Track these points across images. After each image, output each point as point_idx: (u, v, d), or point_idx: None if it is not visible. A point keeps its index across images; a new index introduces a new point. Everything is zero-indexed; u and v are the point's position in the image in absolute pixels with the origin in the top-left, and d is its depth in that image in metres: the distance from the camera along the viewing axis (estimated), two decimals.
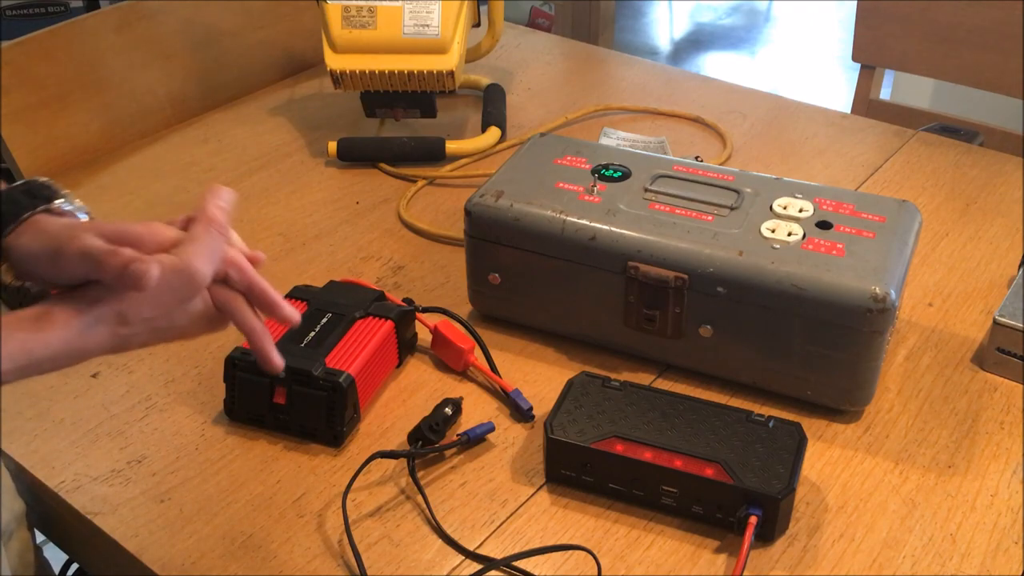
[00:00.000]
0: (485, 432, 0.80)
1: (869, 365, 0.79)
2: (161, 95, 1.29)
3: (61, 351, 0.57)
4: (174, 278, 0.58)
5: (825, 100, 1.42)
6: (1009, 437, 0.80)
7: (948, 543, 0.72)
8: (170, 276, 0.58)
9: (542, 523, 0.74)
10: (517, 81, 1.38)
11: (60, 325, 0.57)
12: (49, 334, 0.56)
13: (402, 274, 1.00)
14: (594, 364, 0.88)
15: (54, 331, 0.56)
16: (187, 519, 0.74)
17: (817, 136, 1.23)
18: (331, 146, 1.18)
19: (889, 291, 0.76)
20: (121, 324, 0.58)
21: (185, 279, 0.59)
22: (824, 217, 0.83)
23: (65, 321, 0.57)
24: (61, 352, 0.57)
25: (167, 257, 0.58)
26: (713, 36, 3.88)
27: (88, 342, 0.58)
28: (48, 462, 0.79)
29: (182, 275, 0.58)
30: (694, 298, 0.81)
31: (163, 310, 0.60)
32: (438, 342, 0.88)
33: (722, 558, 0.71)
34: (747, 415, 0.75)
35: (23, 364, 0.55)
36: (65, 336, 0.57)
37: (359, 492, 0.76)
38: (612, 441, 0.74)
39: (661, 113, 1.29)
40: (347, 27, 1.14)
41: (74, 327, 0.57)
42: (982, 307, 0.94)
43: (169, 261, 0.58)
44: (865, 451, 0.79)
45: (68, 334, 0.57)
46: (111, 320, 0.58)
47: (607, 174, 0.90)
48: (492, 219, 0.87)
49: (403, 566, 0.71)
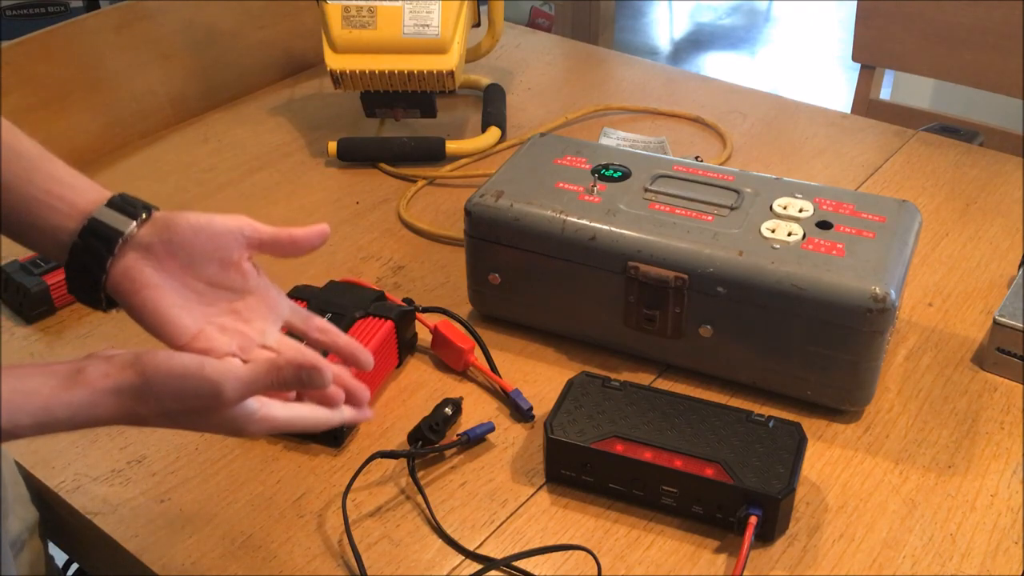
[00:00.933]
0: (485, 432, 0.80)
1: (869, 365, 0.79)
2: (161, 95, 1.29)
3: (79, 413, 0.55)
4: (199, 384, 0.56)
5: (825, 100, 1.41)
6: (1009, 437, 0.80)
7: (948, 543, 0.72)
8: (195, 382, 0.56)
9: (542, 523, 0.74)
10: (517, 81, 1.38)
11: (89, 387, 0.55)
12: (76, 394, 0.55)
13: (402, 274, 1.00)
14: (594, 364, 0.88)
15: (82, 392, 0.55)
16: (187, 519, 0.74)
17: (817, 136, 1.23)
18: (331, 146, 1.18)
19: (889, 291, 0.76)
20: (141, 403, 0.56)
21: (211, 392, 0.56)
22: (824, 217, 0.83)
23: (94, 384, 0.55)
24: (79, 414, 0.55)
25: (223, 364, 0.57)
26: (713, 36, 3.88)
27: (107, 410, 0.56)
28: (48, 462, 0.79)
29: (208, 387, 0.56)
30: (694, 298, 0.81)
31: (182, 407, 0.57)
32: (438, 342, 0.88)
33: (722, 558, 0.71)
34: (747, 415, 0.75)
35: (42, 421, 0.54)
36: (90, 398, 0.55)
37: (359, 492, 0.76)
38: (612, 441, 0.74)
39: (661, 113, 1.29)
40: (347, 27, 1.14)
41: (99, 391, 0.55)
42: (982, 307, 0.94)
43: (205, 368, 0.56)
44: (865, 451, 0.79)
45: (93, 397, 0.55)
46: (134, 395, 0.56)
47: (607, 174, 0.90)
48: (492, 219, 0.87)
49: (403, 566, 0.71)
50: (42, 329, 0.94)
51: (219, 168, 1.20)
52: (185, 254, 0.62)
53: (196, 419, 0.58)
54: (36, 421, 0.54)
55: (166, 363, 0.56)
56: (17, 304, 0.95)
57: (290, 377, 0.57)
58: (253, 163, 1.21)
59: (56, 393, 0.55)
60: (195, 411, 0.57)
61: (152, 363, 0.56)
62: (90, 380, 0.55)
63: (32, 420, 0.54)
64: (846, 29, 3.78)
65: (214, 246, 0.62)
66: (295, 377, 0.57)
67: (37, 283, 0.93)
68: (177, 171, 1.20)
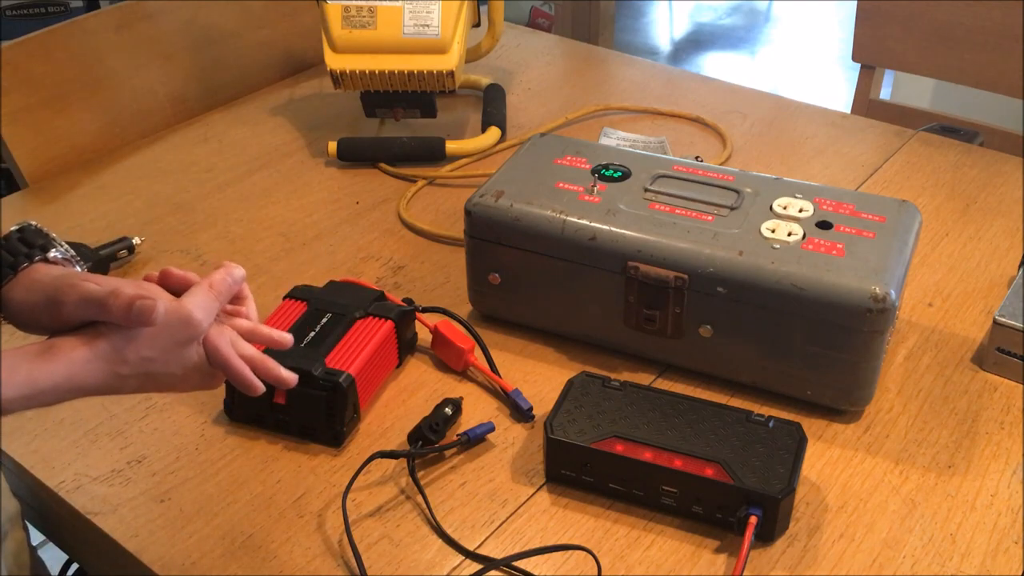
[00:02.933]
0: (485, 432, 0.80)
1: (869, 365, 0.79)
2: (161, 95, 1.29)
3: (63, 383, 0.59)
4: (173, 318, 0.62)
5: (825, 100, 1.42)
6: (1009, 437, 0.80)
7: (948, 543, 0.72)
8: (170, 317, 0.61)
9: (542, 523, 0.74)
10: (517, 81, 1.38)
11: (64, 357, 0.59)
12: (53, 365, 0.58)
13: (402, 274, 1.00)
14: (594, 364, 0.88)
15: (59, 363, 0.59)
16: (187, 519, 0.74)
17: (817, 136, 1.23)
18: (331, 146, 1.18)
19: (889, 291, 0.76)
20: (120, 362, 0.61)
21: (183, 321, 0.62)
22: (824, 217, 0.83)
23: (69, 353, 0.59)
24: (63, 383, 0.59)
25: (169, 298, 0.62)
26: (713, 36, 3.88)
27: (88, 376, 0.60)
28: (48, 462, 0.79)
29: (180, 316, 0.62)
30: (694, 298, 0.81)
31: (160, 352, 0.62)
32: (438, 342, 0.88)
33: (722, 558, 0.71)
34: (747, 415, 0.75)
35: (27, 394, 0.57)
36: (68, 368, 0.59)
37: (359, 492, 0.76)
38: (612, 441, 0.74)
39: (661, 113, 1.29)
40: (347, 27, 1.14)
41: (77, 360, 0.59)
42: (982, 307, 0.94)
43: (171, 302, 0.62)
44: (865, 451, 0.79)
45: (71, 367, 0.59)
46: (111, 357, 0.60)
47: (607, 174, 0.90)
48: (492, 219, 0.87)
49: (403, 566, 0.71)
50: None
51: (219, 168, 1.20)
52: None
53: (173, 362, 0.62)
54: (22, 394, 0.57)
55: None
56: None
57: (224, 282, 0.65)
58: (253, 163, 1.21)
59: (36, 364, 0.58)
60: (172, 351, 0.62)
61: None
62: (63, 350, 0.59)
63: (18, 392, 0.57)
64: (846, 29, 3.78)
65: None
66: (228, 277, 0.66)
67: None
68: (177, 171, 1.20)
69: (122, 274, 1.01)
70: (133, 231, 1.05)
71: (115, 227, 1.08)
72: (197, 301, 0.63)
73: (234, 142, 1.26)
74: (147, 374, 0.62)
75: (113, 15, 1.24)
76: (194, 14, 1.31)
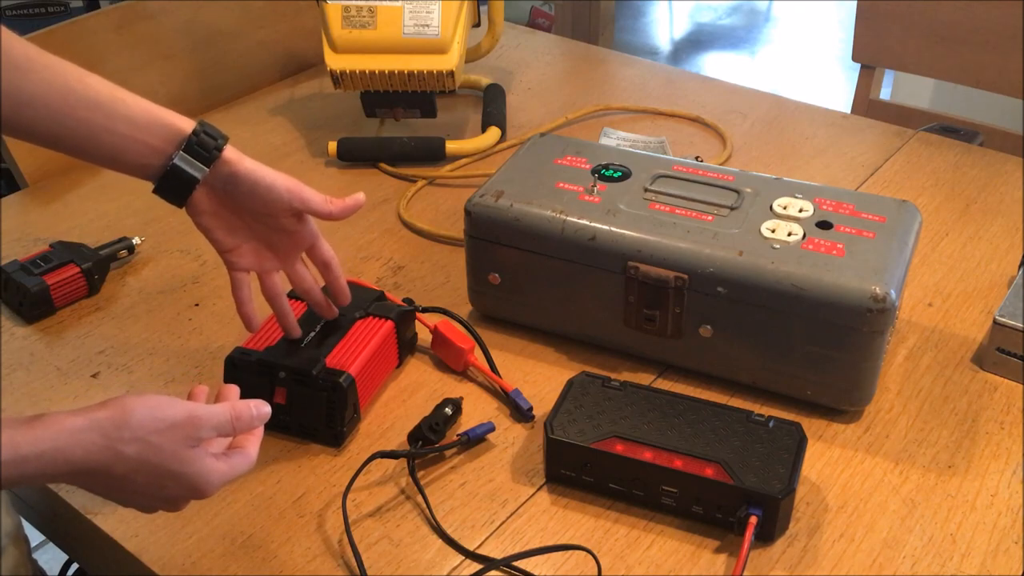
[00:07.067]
0: (485, 432, 0.80)
1: (869, 365, 0.79)
2: (161, 95, 1.29)
3: (48, 451, 0.56)
4: (179, 410, 0.62)
5: (825, 100, 1.41)
6: (1009, 437, 0.80)
7: (948, 543, 0.72)
8: (176, 408, 0.61)
9: (542, 523, 0.74)
10: (517, 81, 1.38)
11: (54, 425, 0.57)
12: (39, 432, 0.56)
13: (402, 274, 1.00)
14: (594, 364, 0.88)
15: (46, 430, 0.56)
16: (187, 519, 0.74)
17: (817, 136, 1.23)
18: (331, 146, 1.18)
19: (889, 291, 0.76)
20: (119, 437, 0.58)
21: (188, 416, 0.62)
22: (824, 217, 0.83)
23: (60, 422, 0.57)
24: (48, 452, 0.56)
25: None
26: (713, 36, 3.88)
27: (77, 447, 0.57)
28: None
29: (187, 410, 0.62)
30: (694, 298, 0.81)
31: (161, 439, 0.60)
32: (438, 342, 0.88)
33: (722, 558, 0.71)
34: (747, 415, 0.75)
35: (8, 460, 0.55)
36: (55, 437, 0.56)
37: (359, 492, 0.76)
38: (612, 441, 0.74)
39: (661, 113, 1.29)
40: (347, 27, 1.14)
41: (66, 428, 0.57)
42: (982, 307, 0.94)
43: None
44: (865, 451, 0.79)
45: (59, 436, 0.57)
46: (112, 427, 0.58)
47: (607, 174, 0.90)
48: (492, 219, 0.87)
49: (403, 566, 0.71)
50: (42, 329, 0.94)
51: None
52: (238, 203, 0.76)
53: (172, 462, 0.60)
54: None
55: (143, 396, 0.60)
56: (17, 304, 0.95)
57: (243, 420, 0.65)
58: None
59: (20, 430, 0.56)
60: (174, 446, 0.60)
61: (130, 398, 0.60)
62: (55, 420, 0.57)
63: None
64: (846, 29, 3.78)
65: (263, 203, 0.76)
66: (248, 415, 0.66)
67: (37, 283, 0.93)
68: None
69: (122, 274, 1.01)
70: (133, 231, 1.05)
71: (115, 227, 1.08)
72: (213, 409, 0.64)
73: (234, 142, 1.25)
74: (145, 467, 0.59)
75: (113, 15, 1.23)
76: (194, 14, 1.31)
